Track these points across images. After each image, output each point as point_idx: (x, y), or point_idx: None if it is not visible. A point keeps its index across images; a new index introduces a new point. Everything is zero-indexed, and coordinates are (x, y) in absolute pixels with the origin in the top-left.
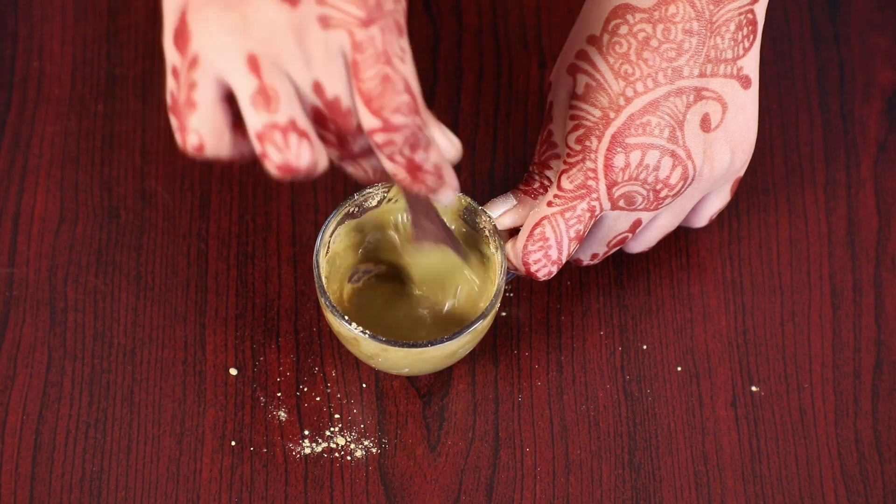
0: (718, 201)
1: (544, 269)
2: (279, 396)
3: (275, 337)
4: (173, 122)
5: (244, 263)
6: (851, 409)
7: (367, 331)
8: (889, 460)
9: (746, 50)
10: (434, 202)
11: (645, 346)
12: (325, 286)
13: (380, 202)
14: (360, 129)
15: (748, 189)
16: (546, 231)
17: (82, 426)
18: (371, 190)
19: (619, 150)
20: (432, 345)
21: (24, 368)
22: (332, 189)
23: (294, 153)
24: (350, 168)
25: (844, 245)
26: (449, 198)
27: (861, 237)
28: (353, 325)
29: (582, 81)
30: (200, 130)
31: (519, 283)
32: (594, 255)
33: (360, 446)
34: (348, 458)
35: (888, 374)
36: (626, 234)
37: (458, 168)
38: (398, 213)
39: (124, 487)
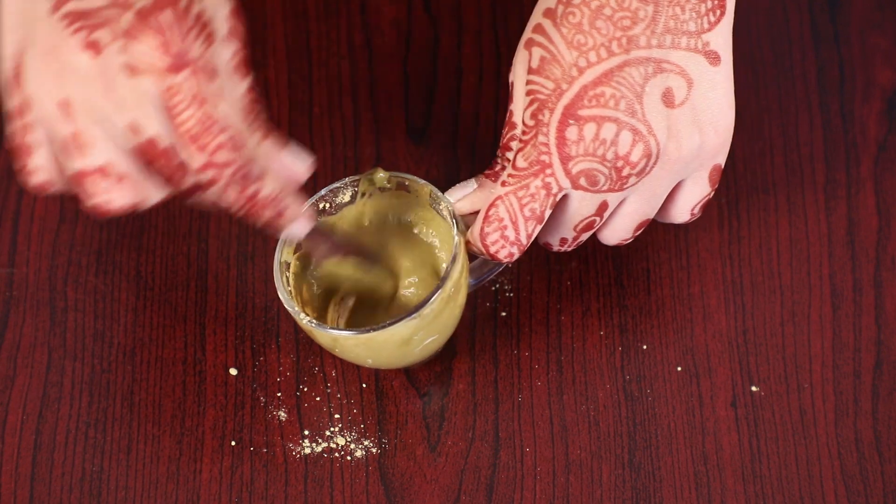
0: (696, 190)
1: (504, 249)
2: (279, 396)
3: (275, 337)
4: (17, 162)
5: (244, 263)
6: (851, 409)
7: (313, 320)
8: (889, 460)
9: (713, 24)
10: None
11: (645, 346)
12: (286, 282)
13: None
14: (184, 166)
15: (748, 189)
16: (500, 211)
17: (82, 426)
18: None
19: (571, 122)
20: (374, 330)
21: (24, 368)
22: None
23: (105, 198)
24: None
25: (844, 245)
26: (296, 230)
27: (861, 237)
28: (303, 315)
29: (537, 55)
30: (42, 169)
31: (519, 284)
32: (563, 241)
33: (360, 446)
34: (348, 458)
35: (888, 374)
36: (592, 217)
37: (458, 168)
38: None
39: (124, 487)
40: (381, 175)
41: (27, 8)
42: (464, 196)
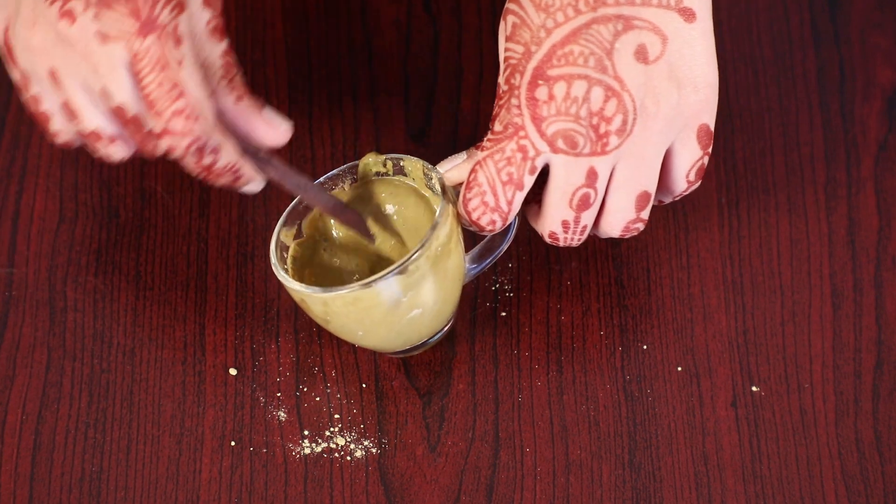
0: (687, 154)
1: (485, 216)
2: (279, 396)
3: (275, 337)
4: (40, 128)
5: (244, 263)
6: (852, 410)
7: (303, 285)
8: (890, 460)
9: None
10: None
11: (645, 346)
12: (281, 258)
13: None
14: (153, 135)
15: (748, 189)
16: (479, 177)
17: (82, 426)
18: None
19: (540, 82)
20: (361, 287)
21: (23, 368)
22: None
23: (104, 153)
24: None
25: (845, 245)
26: (251, 189)
27: (861, 237)
28: (293, 282)
29: (510, 22)
30: (61, 132)
31: (519, 284)
32: (565, 225)
33: (359, 446)
34: (348, 458)
35: (889, 374)
36: (585, 189)
37: None
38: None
39: (124, 487)
40: (372, 160)
41: None
42: (453, 166)
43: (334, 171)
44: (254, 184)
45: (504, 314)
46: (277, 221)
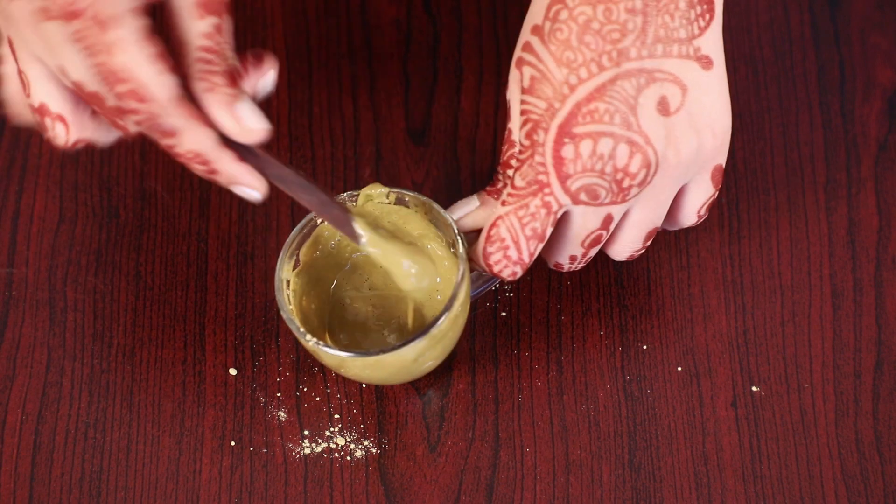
0: (700, 193)
1: (507, 269)
2: (279, 396)
3: (275, 337)
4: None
5: (244, 263)
6: (852, 410)
7: (320, 342)
8: (890, 461)
9: (703, 29)
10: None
11: (645, 346)
12: (287, 300)
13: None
14: (120, 110)
15: (748, 189)
16: (501, 231)
17: (82, 426)
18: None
19: (566, 140)
20: (383, 353)
21: (23, 368)
22: (333, 188)
23: (50, 133)
24: None
25: (845, 245)
26: (251, 196)
27: (861, 237)
28: (308, 336)
29: (528, 74)
30: (13, 101)
31: (519, 284)
32: (572, 258)
33: (359, 446)
34: (348, 458)
35: (889, 374)
36: (598, 231)
37: (458, 168)
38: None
39: (124, 487)
40: (379, 191)
41: None
42: (466, 214)
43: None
44: (250, 190)
45: (504, 314)
46: (276, 223)
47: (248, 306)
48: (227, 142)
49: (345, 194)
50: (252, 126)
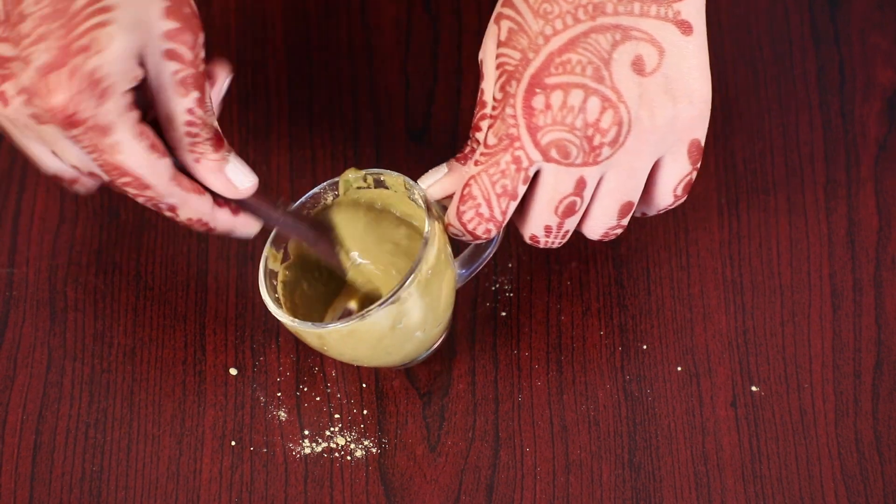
0: (677, 168)
1: (480, 226)
2: (279, 396)
3: (275, 337)
4: None
5: (244, 263)
6: (851, 410)
7: (295, 319)
8: (889, 460)
9: None
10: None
11: (645, 346)
12: (273, 289)
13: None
14: (120, 187)
15: (748, 189)
16: (473, 190)
17: (82, 426)
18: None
19: (538, 90)
20: (353, 320)
21: (23, 368)
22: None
23: (71, 189)
24: None
25: (844, 245)
26: (243, 235)
27: (861, 237)
28: (286, 316)
29: (505, 27)
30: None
31: (519, 284)
32: (548, 229)
33: (360, 446)
34: (348, 458)
35: (888, 374)
36: (572, 197)
37: None
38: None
39: (124, 487)
40: (353, 176)
41: None
42: (435, 181)
43: (316, 189)
44: (244, 232)
45: (504, 314)
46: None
47: (248, 306)
48: (221, 197)
49: (325, 183)
50: (241, 185)
